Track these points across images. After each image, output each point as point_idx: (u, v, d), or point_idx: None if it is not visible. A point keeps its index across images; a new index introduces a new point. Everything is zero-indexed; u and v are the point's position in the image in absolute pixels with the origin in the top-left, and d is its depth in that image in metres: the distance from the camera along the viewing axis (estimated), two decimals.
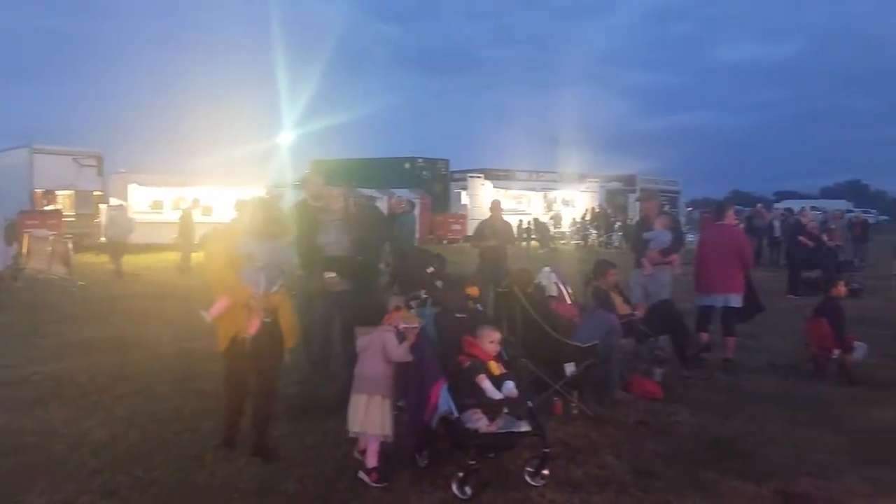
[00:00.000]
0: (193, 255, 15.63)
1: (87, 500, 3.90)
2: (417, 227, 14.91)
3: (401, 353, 4.21)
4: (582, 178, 33.67)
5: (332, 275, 5.61)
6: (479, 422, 4.03)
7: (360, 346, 4.34)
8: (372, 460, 4.19)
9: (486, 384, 4.11)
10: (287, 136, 29.09)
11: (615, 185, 33.72)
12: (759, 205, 28.07)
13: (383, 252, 12.96)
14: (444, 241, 25.86)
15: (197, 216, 17.48)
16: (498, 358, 4.37)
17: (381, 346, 4.25)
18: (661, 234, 8.31)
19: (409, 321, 4.31)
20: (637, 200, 8.84)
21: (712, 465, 4.53)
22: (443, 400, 4.04)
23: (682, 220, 25.05)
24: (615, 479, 4.26)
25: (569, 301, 6.76)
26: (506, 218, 10.26)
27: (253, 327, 4.34)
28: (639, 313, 6.90)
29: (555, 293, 6.79)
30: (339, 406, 4.62)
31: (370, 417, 4.20)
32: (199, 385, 6.16)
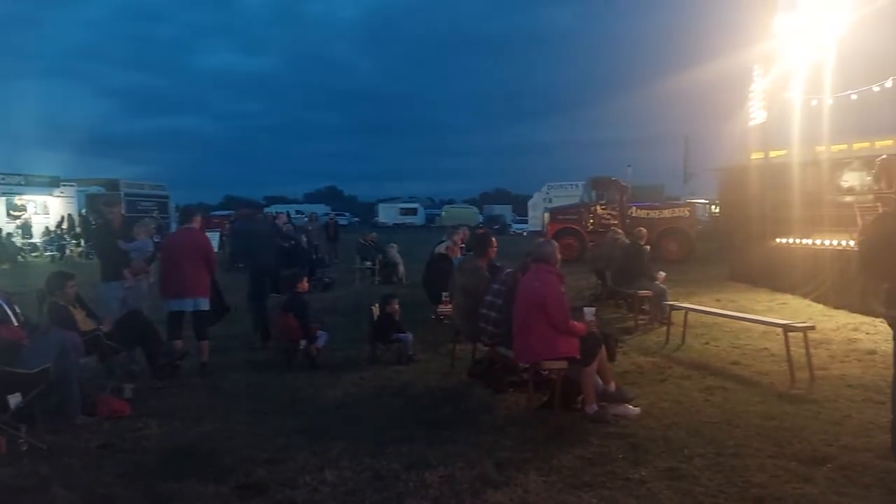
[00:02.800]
0: None
1: None
2: None
3: None
4: (56, 182, 30.06)
5: None
6: None
7: None
8: None
9: None
10: None
11: (96, 189, 31.06)
12: (245, 209, 29.33)
13: None
14: None
15: None
16: None
17: None
18: (144, 244, 7.93)
19: None
20: (103, 206, 8.21)
21: (177, 474, 4.43)
22: None
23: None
24: None
25: (15, 322, 5.88)
26: None
27: None
28: (105, 327, 6.41)
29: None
30: None
31: None
32: None
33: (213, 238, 25.57)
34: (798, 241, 13.55)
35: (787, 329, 6.75)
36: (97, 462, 4.67)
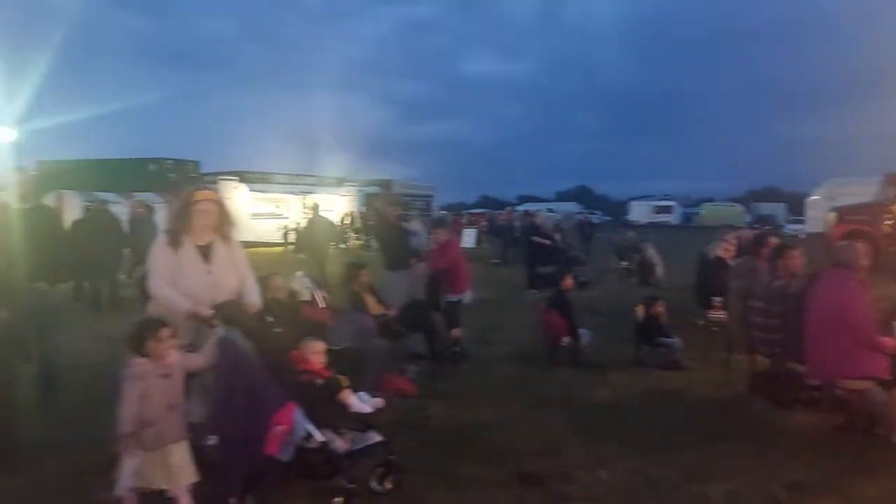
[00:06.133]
0: None
1: None
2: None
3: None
4: (340, 182, 33.79)
5: None
6: (335, 442, 3.69)
7: (129, 389, 3.54)
8: None
9: (353, 399, 3.84)
10: (5, 134, 25.37)
11: (373, 189, 34.35)
12: (507, 208, 30.42)
13: (123, 259, 11.93)
14: None
15: None
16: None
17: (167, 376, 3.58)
18: (421, 237, 8.67)
19: None
20: (387, 203, 8.98)
21: (459, 454, 4.74)
22: (300, 425, 3.58)
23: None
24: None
25: (322, 305, 6.70)
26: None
27: None
28: (392, 312, 7.05)
29: (308, 298, 6.70)
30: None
31: (176, 468, 3.57)
32: None
33: (471, 234, 26.94)
34: None
35: None
36: (390, 435, 5.15)
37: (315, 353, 4.08)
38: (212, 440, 3.68)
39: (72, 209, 14.46)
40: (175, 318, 3.78)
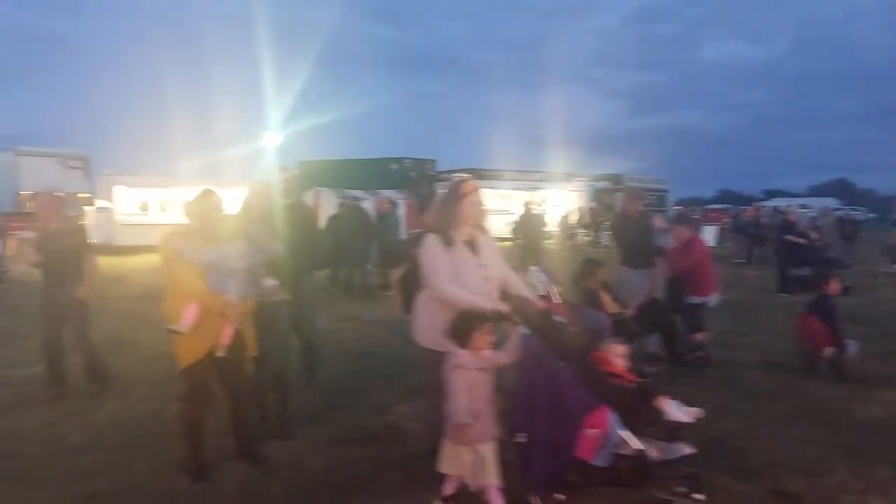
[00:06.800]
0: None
1: None
2: (403, 226, 14.86)
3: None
4: (569, 177, 33.59)
5: (273, 282, 4.43)
6: (649, 450, 3.55)
7: (457, 380, 3.50)
8: None
9: (668, 406, 3.69)
10: (273, 137, 28.95)
11: (603, 184, 33.70)
12: (754, 204, 28.08)
13: (368, 253, 12.97)
14: None
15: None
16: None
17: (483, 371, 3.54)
18: (666, 235, 8.32)
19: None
20: (631, 198, 8.62)
21: (707, 463, 4.44)
22: (615, 431, 3.44)
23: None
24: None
25: (556, 300, 6.70)
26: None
27: (227, 337, 4.06)
28: (629, 311, 6.84)
29: (543, 292, 6.74)
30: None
31: (487, 465, 3.50)
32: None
33: (713, 232, 25.29)
34: None
35: None
36: None
37: (618, 355, 3.92)
38: (521, 437, 3.62)
39: (327, 204, 16.05)
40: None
